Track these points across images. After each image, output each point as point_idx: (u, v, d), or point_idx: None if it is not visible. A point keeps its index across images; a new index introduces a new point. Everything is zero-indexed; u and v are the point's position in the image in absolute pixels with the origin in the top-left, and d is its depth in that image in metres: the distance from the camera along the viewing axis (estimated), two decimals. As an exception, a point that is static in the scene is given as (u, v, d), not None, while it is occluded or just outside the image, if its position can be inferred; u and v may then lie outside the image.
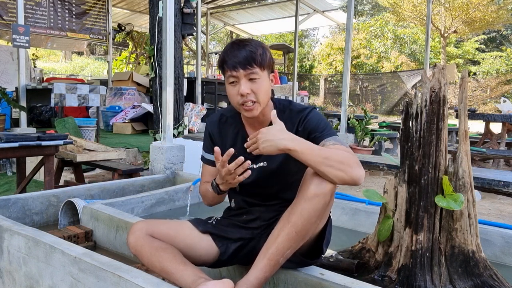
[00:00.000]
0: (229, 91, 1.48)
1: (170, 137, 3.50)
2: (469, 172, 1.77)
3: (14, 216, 2.38)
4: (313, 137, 1.47)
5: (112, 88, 7.89)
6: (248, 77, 1.43)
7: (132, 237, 1.44)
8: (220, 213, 1.74)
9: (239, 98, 1.45)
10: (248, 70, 1.42)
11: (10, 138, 2.77)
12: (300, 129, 1.50)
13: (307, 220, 1.32)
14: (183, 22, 5.51)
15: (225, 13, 12.11)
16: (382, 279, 1.76)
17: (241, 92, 1.43)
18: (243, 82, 1.43)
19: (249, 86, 1.43)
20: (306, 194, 1.32)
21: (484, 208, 3.75)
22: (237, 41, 1.49)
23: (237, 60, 1.42)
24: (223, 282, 1.28)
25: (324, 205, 1.33)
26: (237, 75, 1.43)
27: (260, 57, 1.44)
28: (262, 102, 1.47)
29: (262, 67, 1.45)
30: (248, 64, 1.42)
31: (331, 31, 25.98)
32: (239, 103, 1.46)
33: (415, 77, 16.20)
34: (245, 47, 1.44)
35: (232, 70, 1.43)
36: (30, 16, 7.58)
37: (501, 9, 16.85)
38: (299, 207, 1.33)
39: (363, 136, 5.59)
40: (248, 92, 1.43)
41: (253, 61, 1.42)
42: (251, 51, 1.43)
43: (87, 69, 20.82)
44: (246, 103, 1.44)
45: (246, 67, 1.42)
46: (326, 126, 1.50)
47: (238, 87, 1.44)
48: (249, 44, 1.45)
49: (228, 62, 1.44)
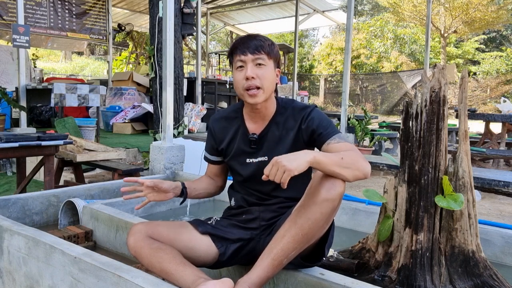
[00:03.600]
0: (236, 77, 1.53)
1: (170, 137, 3.50)
2: (469, 172, 1.77)
3: (14, 216, 2.37)
4: (318, 135, 1.50)
5: (112, 88, 7.89)
6: (256, 62, 1.49)
7: (131, 239, 1.44)
8: (220, 213, 1.74)
9: (244, 82, 1.50)
10: (256, 55, 1.49)
11: (10, 138, 2.77)
12: (303, 127, 1.53)
13: (314, 223, 1.32)
14: (183, 22, 5.51)
15: (225, 13, 12.11)
16: (382, 279, 1.76)
17: (247, 75, 1.48)
18: (250, 66, 1.49)
19: (255, 71, 1.49)
20: (316, 198, 1.32)
21: (484, 208, 3.75)
22: (248, 34, 1.58)
23: (247, 46, 1.50)
24: (223, 282, 1.28)
25: (332, 210, 1.34)
26: (245, 59, 1.49)
27: (269, 47, 1.52)
28: (266, 89, 1.51)
29: (269, 56, 1.52)
30: (256, 50, 1.49)
31: (331, 31, 25.99)
32: (244, 88, 1.51)
33: (415, 77, 16.20)
34: (255, 37, 1.54)
35: (241, 54, 1.50)
36: (30, 16, 7.59)
37: (501, 9, 16.85)
38: (307, 210, 1.33)
39: (363, 136, 5.58)
40: (253, 76, 1.48)
41: (261, 48, 1.50)
42: (261, 40, 1.52)
43: (87, 69, 20.82)
44: (251, 87, 1.49)
45: (254, 52, 1.49)
46: (329, 124, 1.54)
47: (244, 72, 1.49)
48: (259, 36, 1.55)
49: (238, 48, 1.52)
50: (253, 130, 1.59)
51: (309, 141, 1.55)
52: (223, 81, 8.60)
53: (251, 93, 1.49)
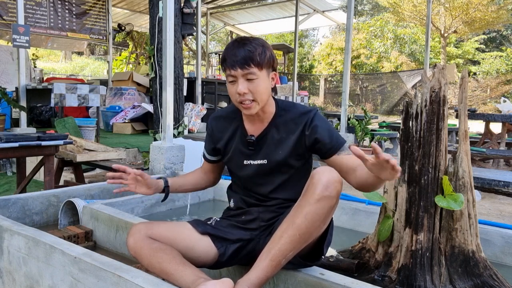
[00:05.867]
0: (229, 89, 1.51)
1: (170, 137, 3.50)
2: (469, 172, 1.77)
3: (14, 216, 2.37)
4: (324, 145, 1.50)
5: (112, 88, 7.89)
6: (246, 77, 1.45)
7: (131, 239, 1.44)
8: (220, 214, 1.74)
9: (237, 96, 1.47)
10: (245, 70, 1.44)
11: (10, 138, 2.76)
12: (307, 133, 1.52)
13: (311, 223, 1.32)
14: (183, 22, 5.51)
15: (225, 13, 12.10)
16: (382, 279, 1.76)
17: (238, 92, 1.45)
18: (240, 81, 1.45)
19: (246, 85, 1.45)
20: (312, 196, 1.32)
21: (484, 208, 3.75)
22: (238, 39, 1.51)
23: (235, 59, 1.44)
24: (222, 282, 1.28)
25: (330, 209, 1.34)
26: (235, 74, 1.45)
27: (259, 57, 1.45)
28: (260, 101, 1.49)
29: (260, 67, 1.46)
30: (245, 64, 1.43)
31: (331, 31, 25.97)
32: (237, 101, 1.49)
33: (415, 77, 16.20)
34: (244, 46, 1.46)
35: (230, 69, 1.46)
36: (30, 16, 7.59)
37: (501, 9, 16.84)
38: (304, 210, 1.32)
39: (363, 136, 5.59)
40: (245, 92, 1.45)
41: (250, 60, 1.44)
42: (250, 51, 1.44)
43: (87, 69, 20.82)
44: (244, 101, 1.47)
45: (243, 67, 1.44)
46: (333, 133, 1.53)
47: (236, 86, 1.47)
48: (249, 44, 1.46)
49: (227, 60, 1.47)
50: (252, 132, 1.58)
51: (311, 147, 1.54)
52: (223, 81, 8.59)
53: (245, 106, 1.48)
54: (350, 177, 1.48)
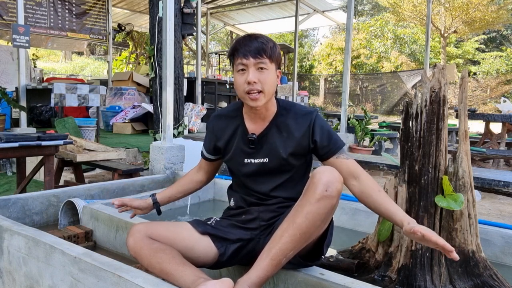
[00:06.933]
0: (237, 80, 1.52)
1: (170, 137, 3.50)
2: (469, 172, 1.77)
3: (14, 216, 2.37)
4: (323, 147, 1.54)
5: (112, 88, 7.89)
6: (257, 66, 1.48)
7: (131, 239, 1.44)
8: (220, 213, 1.74)
9: (245, 86, 1.48)
10: (258, 59, 1.47)
11: (10, 138, 2.77)
12: (309, 134, 1.55)
13: (312, 222, 1.32)
14: (183, 22, 5.51)
15: (225, 13, 12.10)
16: (382, 279, 1.76)
17: (249, 80, 1.47)
18: (251, 70, 1.47)
19: (257, 75, 1.48)
20: (313, 196, 1.32)
21: (484, 208, 3.75)
22: (249, 34, 1.55)
23: (248, 49, 1.47)
24: (222, 282, 1.28)
25: (330, 208, 1.34)
26: (246, 63, 1.47)
27: (271, 50, 1.50)
28: (267, 93, 1.50)
29: (271, 59, 1.50)
30: (258, 54, 1.47)
31: (331, 31, 25.97)
32: (245, 91, 1.49)
33: (415, 77, 16.20)
34: (257, 39, 1.51)
35: (242, 57, 1.48)
36: (30, 16, 7.59)
37: (501, 9, 16.84)
38: (305, 209, 1.32)
39: (363, 136, 5.59)
40: (255, 81, 1.47)
41: (263, 51, 1.48)
42: (263, 43, 1.49)
43: (87, 69, 20.82)
44: (252, 91, 1.48)
45: (256, 56, 1.47)
46: (332, 135, 1.57)
47: (246, 75, 1.48)
48: (261, 37, 1.52)
49: (239, 50, 1.49)
50: (253, 130, 1.59)
51: (311, 148, 1.56)
52: (223, 81, 8.60)
53: (253, 97, 1.49)
54: (349, 183, 1.50)
